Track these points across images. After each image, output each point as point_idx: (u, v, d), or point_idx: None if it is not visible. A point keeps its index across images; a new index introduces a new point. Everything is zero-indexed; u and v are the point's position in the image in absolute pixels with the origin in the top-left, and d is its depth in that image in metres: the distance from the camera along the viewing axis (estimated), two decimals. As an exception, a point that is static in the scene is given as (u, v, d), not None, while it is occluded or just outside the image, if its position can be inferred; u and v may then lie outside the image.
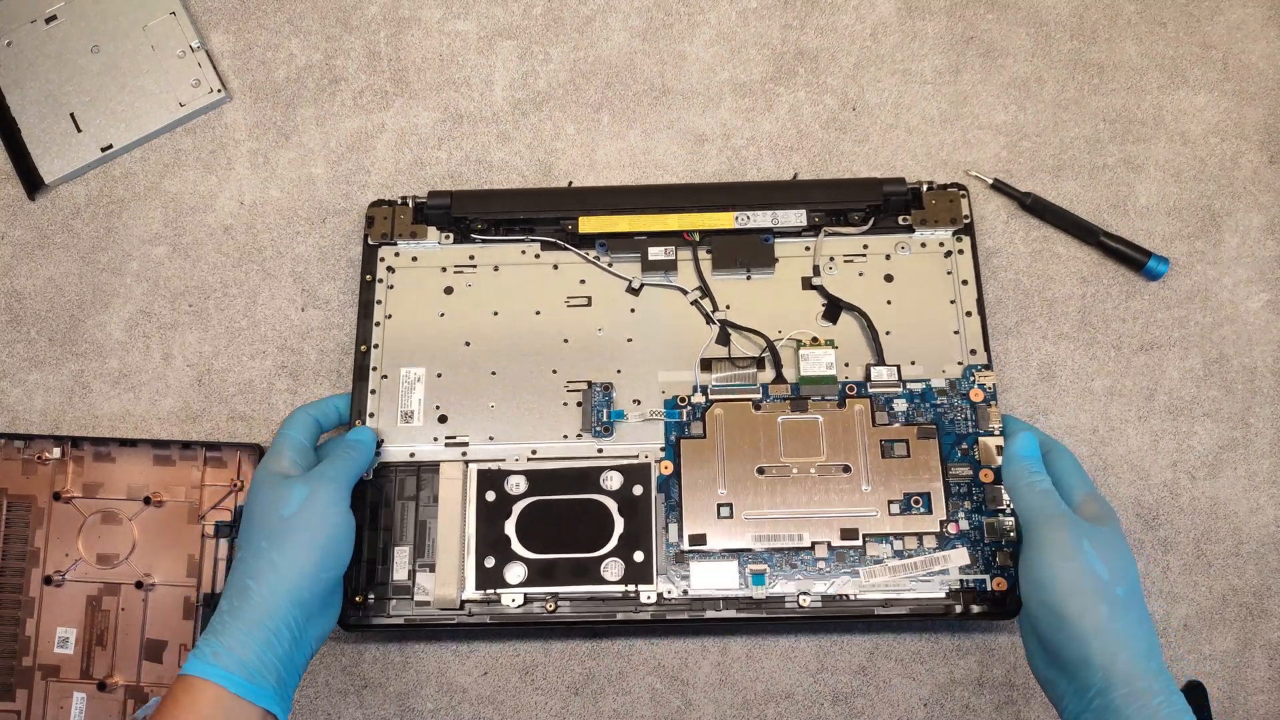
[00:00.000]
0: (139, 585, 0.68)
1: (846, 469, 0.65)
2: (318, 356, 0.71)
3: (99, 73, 0.72)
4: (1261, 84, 0.72)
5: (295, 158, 0.72)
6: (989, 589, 0.63)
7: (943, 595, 0.63)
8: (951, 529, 0.64)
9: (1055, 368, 0.70)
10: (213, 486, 0.69)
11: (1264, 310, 0.70)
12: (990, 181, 0.71)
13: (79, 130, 0.72)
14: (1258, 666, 0.68)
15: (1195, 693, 0.67)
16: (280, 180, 0.72)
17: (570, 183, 0.72)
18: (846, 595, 0.63)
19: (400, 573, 0.65)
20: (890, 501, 0.64)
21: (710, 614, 0.64)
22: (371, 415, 0.67)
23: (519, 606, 0.64)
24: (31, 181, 0.72)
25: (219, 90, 0.72)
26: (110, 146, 0.72)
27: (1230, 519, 0.69)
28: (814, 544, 0.64)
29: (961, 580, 0.63)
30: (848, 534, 0.64)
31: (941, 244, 0.68)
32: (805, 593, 0.63)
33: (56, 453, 0.69)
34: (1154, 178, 0.71)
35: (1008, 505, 0.64)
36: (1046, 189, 0.71)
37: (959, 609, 0.63)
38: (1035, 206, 0.70)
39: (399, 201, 0.69)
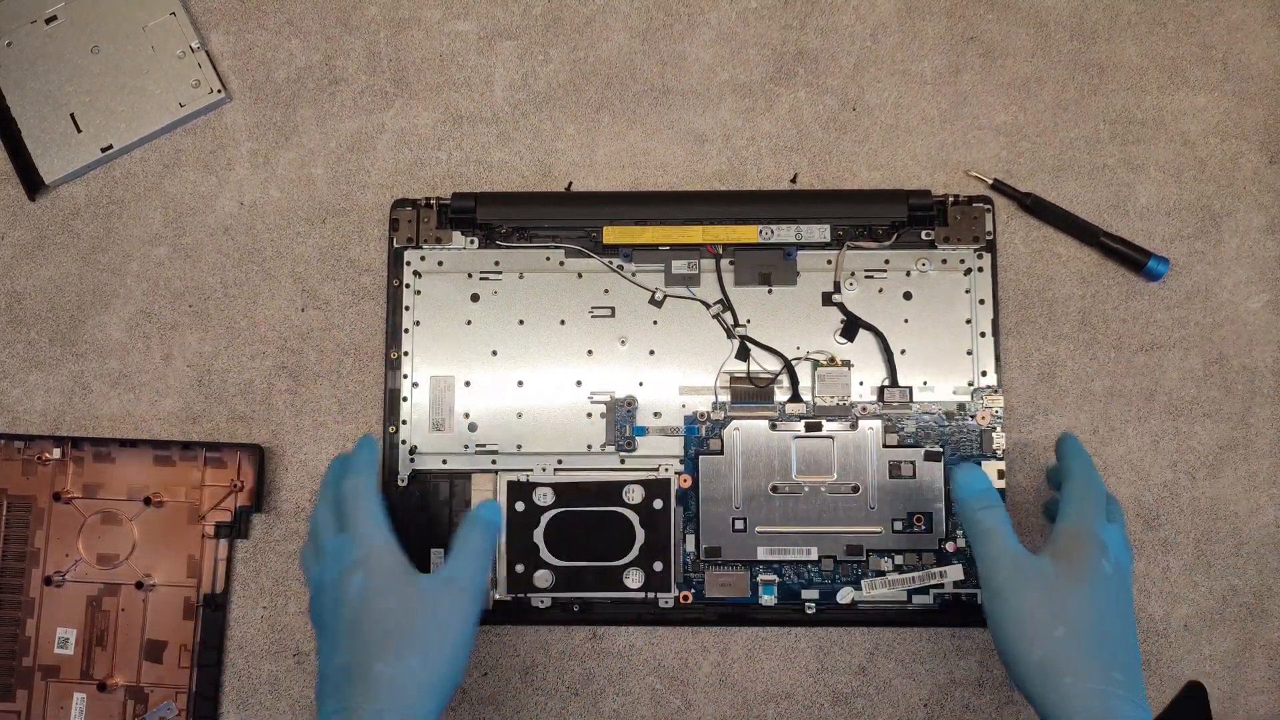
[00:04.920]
0: (139, 586, 0.68)
1: (856, 489, 0.67)
2: (318, 357, 0.71)
3: (99, 73, 0.72)
4: (1262, 84, 0.72)
5: (295, 158, 0.72)
6: (979, 601, 0.66)
7: (936, 606, 0.67)
8: (949, 547, 0.67)
9: (1055, 368, 0.70)
10: (213, 487, 0.69)
11: (1264, 310, 0.70)
12: (990, 182, 0.71)
13: (79, 130, 0.72)
14: (1258, 667, 0.68)
15: (1195, 693, 0.67)
16: (280, 180, 0.72)
17: (570, 185, 0.72)
18: (849, 603, 0.67)
19: None
20: (894, 520, 0.67)
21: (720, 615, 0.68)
22: (405, 423, 0.68)
23: (547, 609, 0.67)
24: (31, 182, 0.72)
25: (219, 91, 0.72)
26: (110, 147, 0.72)
27: (1230, 519, 0.69)
28: (821, 558, 0.67)
29: (955, 594, 0.67)
30: (853, 550, 0.67)
31: (962, 260, 0.69)
32: (811, 600, 0.67)
33: (56, 453, 0.69)
34: (1154, 178, 0.71)
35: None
36: (1047, 189, 0.71)
37: (946, 617, 0.67)
38: (1035, 207, 0.70)
39: (423, 203, 0.70)
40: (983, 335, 0.69)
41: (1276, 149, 0.71)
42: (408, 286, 0.70)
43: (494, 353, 0.69)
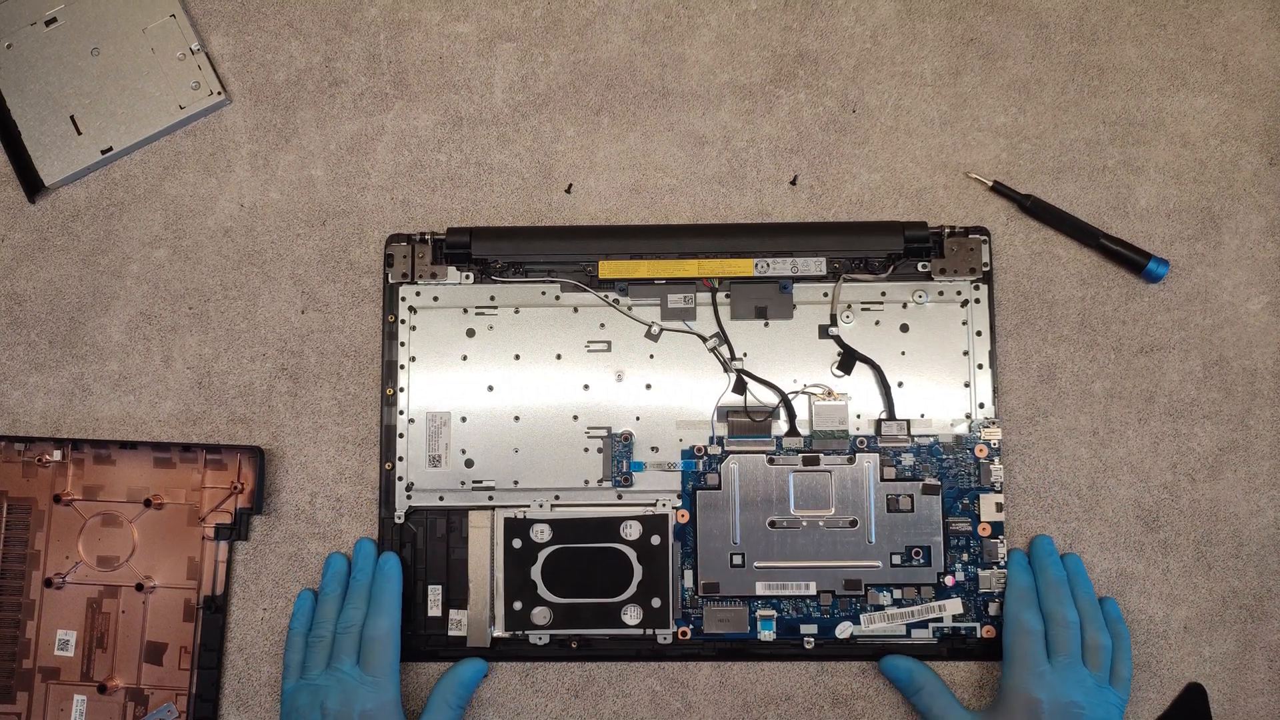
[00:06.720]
0: (139, 588, 0.68)
1: (854, 523, 0.67)
2: (318, 359, 0.71)
3: (99, 75, 0.72)
4: (1261, 86, 0.72)
5: (295, 160, 0.72)
6: (979, 635, 0.67)
7: (935, 640, 0.67)
8: (948, 581, 0.67)
9: (1055, 370, 0.70)
10: (213, 489, 0.69)
11: (1264, 312, 0.70)
12: (990, 184, 0.71)
13: (79, 133, 0.72)
14: (1258, 669, 0.68)
15: (1195, 695, 0.67)
16: (280, 183, 0.72)
17: (570, 186, 0.72)
18: (848, 638, 0.67)
19: (434, 610, 0.68)
20: (893, 553, 0.67)
21: (720, 649, 0.68)
22: (401, 459, 0.68)
23: (544, 645, 0.67)
24: (31, 184, 0.72)
25: (219, 93, 0.72)
26: (110, 149, 0.72)
27: (1230, 521, 0.69)
28: (820, 593, 0.67)
29: (954, 628, 0.67)
30: (851, 584, 0.67)
31: (959, 292, 0.69)
32: (810, 635, 0.67)
33: (57, 455, 0.69)
34: (1154, 180, 0.71)
35: (1003, 558, 0.67)
36: (1047, 191, 0.71)
37: (946, 652, 0.67)
38: (1035, 208, 0.70)
39: (418, 238, 0.70)
40: (980, 368, 0.68)
41: (1276, 151, 0.71)
42: (403, 322, 0.70)
43: (490, 388, 0.69)
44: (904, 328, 0.69)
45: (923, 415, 0.68)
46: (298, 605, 0.67)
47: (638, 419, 0.69)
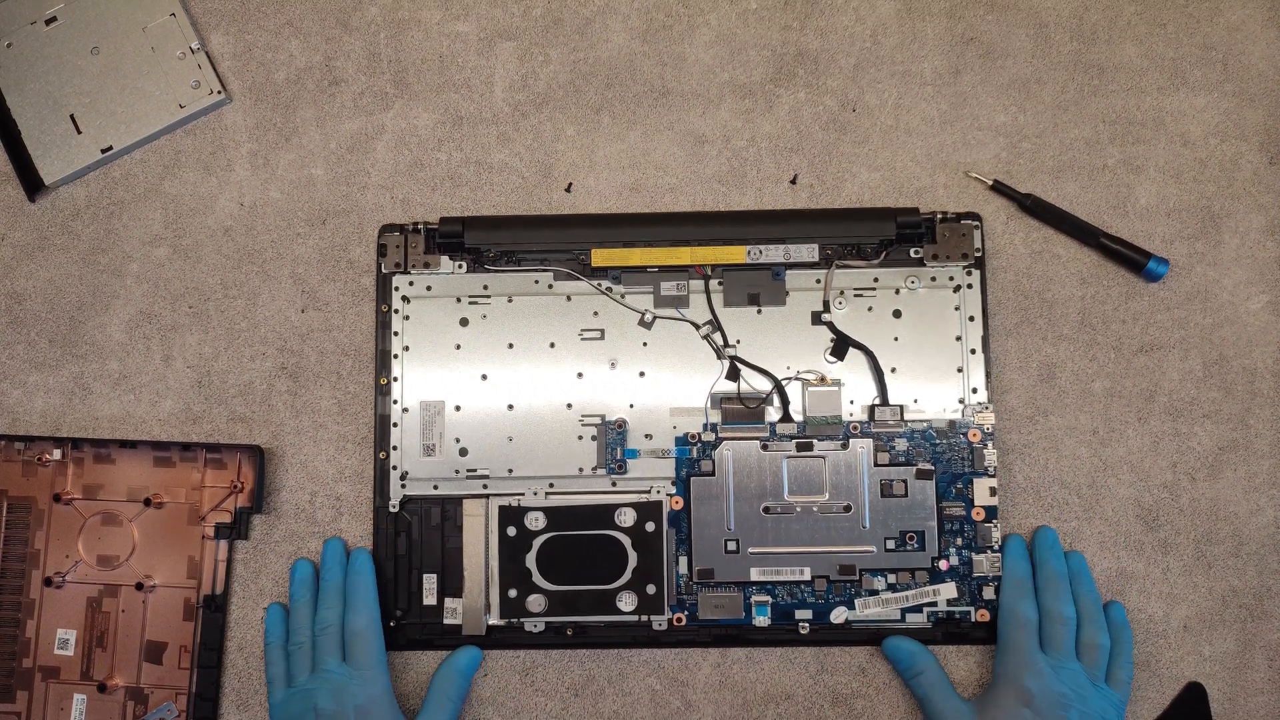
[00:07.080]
0: (139, 587, 0.68)
1: (848, 508, 0.67)
2: (318, 358, 0.71)
3: (99, 74, 0.72)
4: (1262, 85, 0.72)
5: (295, 159, 0.72)
6: (973, 619, 0.67)
7: (929, 625, 0.67)
8: (942, 565, 0.67)
9: (1055, 369, 0.70)
10: (213, 488, 0.69)
11: (1264, 311, 0.70)
12: (990, 183, 0.71)
13: (79, 132, 0.72)
14: (1258, 668, 0.68)
15: (1195, 694, 0.67)
16: (280, 182, 0.72)
17: (570, 185, 0.72)
18: (843, 623, 0.67)
19: (429, 599, 0.68)
20: (887, 538, 0.67)
21: (715, 636, 0.68)
22: (395, 448, 0.68)
23: (540, 633, 0.67)
24: (31, 183, 0.72)
25: (219, 92, 0.72)
26: (110, 148, 0.72)
27: (1230, 520, 0.69)
28: (814, 578, 0.67)
29: (949, 612, 0.67)
30: (846, 569, 0.67)
31: (952, 278, 0.69)
32: (805, 620, 0.67)
33: (57, 454, 0.69)
34: (1154, 179, 0.71)
35: (997, 542, 0.67)
36: (1046, 190, 0.71)
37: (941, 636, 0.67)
38: (1035, 208, 0.70)
39: (410, 228, 0.70)
40: (973, 352, 0.68)
41: (1276, 150, 0.71)
42: (396, 312, 0.70)
43: (484, 376, 0.69)
44: (897, 313, 0.69)
45: (916, 401, 0.68)
46: (269, 619, 0.67)
47: (631, 406, 0.69)
